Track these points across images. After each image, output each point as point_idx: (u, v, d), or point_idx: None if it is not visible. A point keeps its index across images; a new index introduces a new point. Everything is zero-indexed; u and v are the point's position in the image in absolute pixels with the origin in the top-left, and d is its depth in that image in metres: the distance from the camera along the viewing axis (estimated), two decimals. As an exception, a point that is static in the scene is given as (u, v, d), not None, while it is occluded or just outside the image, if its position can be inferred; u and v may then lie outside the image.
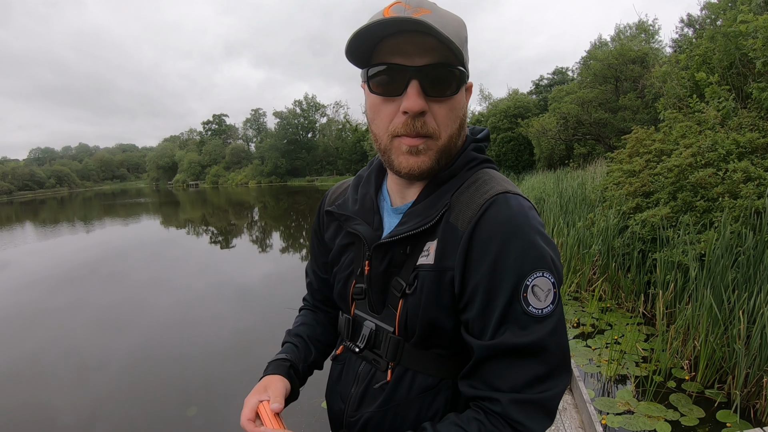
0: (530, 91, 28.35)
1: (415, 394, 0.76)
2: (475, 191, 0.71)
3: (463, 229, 0.68)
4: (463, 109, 0.73)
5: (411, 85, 0.66)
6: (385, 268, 0.78)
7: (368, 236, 0.80)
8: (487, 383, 0.67)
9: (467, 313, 0.69)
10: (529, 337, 0.64)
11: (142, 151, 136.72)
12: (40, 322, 6.19)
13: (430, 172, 0.72)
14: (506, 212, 0.66)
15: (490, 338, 0.66)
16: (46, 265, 10.71)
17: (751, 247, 3.42)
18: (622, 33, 18.10)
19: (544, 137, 17.00)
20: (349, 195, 0.88)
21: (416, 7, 0.65)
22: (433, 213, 0.73)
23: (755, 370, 2.84)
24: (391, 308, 0.78)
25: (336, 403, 0.88)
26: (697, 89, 6.18)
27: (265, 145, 61.47)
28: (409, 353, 0.77)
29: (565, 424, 2.64)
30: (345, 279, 0.86)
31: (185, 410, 3.60)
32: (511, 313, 0.65)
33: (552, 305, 0.65)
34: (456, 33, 0.66)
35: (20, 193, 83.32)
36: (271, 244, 12.96)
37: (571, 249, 5.72)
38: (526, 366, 0.64)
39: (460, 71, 0.68)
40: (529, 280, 0.64)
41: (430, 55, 0.66)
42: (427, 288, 0.72)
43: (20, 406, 3.87)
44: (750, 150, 4.42)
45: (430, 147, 0.70)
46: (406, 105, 0.66)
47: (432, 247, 0.72)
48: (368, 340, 0.81)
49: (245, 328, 5.56)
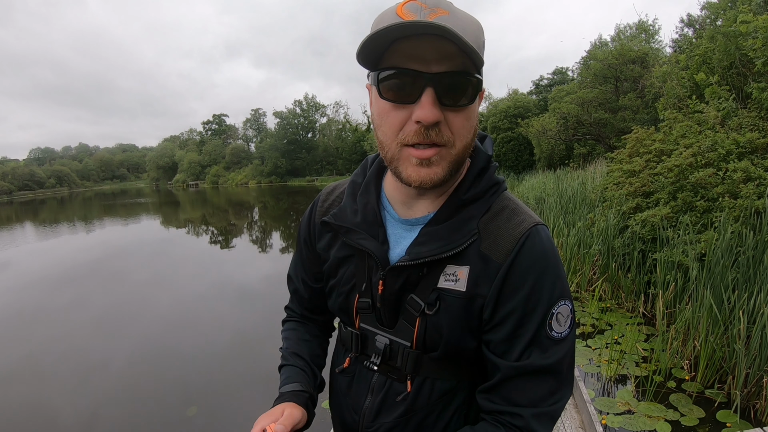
0: (530, 91, 28.34)
1: (435, 399, 0.79)
2: (506, 221, 0.73)
3: (499, 261, 0.70)
4: (477, 118, 0.70)
5: (426, 93, 0.62)
6: (401, 286, 0.76)
7: (378, 254, 0.76)
8: (508, 399, 0.71)
9: (493, 335, 0.73)
10: (550, 359, 0.70)
11: (142, 151, 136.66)
12: (41, 322, 6.19)
13: (442, 182, 0.68)
14: (540, 246, 0.71)
15: (516, 359, 0.70)
16: (47, 265, 10.71)
17: (751, 247, 3.42)
18: (622, 33, 18.10)
19: (544, 137, 17.00)
20: (347, 204, 0.82)
21: (433, 6, 0.61)
22: (459, 239, 0.71)
23: (755, 370, 2.84)
24: (407, 324, 0.77)
25: (348, 416, 0.87)
26: (697, 89, 6.18)
27: (265, 145, 61.46)
28: (428, 365, 0.78)
29: (565, 424, 2.64)
30: (347, 293, 0.83)
31: (185, 410, 3.60)
32: (537, 338, 0.70)
33: (569, 329, 0.72)
34: (475, 37, 0.62)
35: (20, 193, 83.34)
36: (271, 244, 12.96)
37: (571, 249, 5.72)
38: (544, 383, 0.70)
39: (478, 79, 0.63)
40: (555, 308, 0.70)
41: (449, 62, 0.61)
42: (454, 312, 0.73)
43: (21, 406, 3.87)
44: (750, 150, 4.42)
45: (444, 157, 0.66)
46: (420, 115, 0.62)
47: (462, 273, 0.72)
48: (384, 355, 0.80)
49: (245, 329, 5.56)
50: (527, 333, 0.70)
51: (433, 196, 0.76)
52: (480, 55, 0.61)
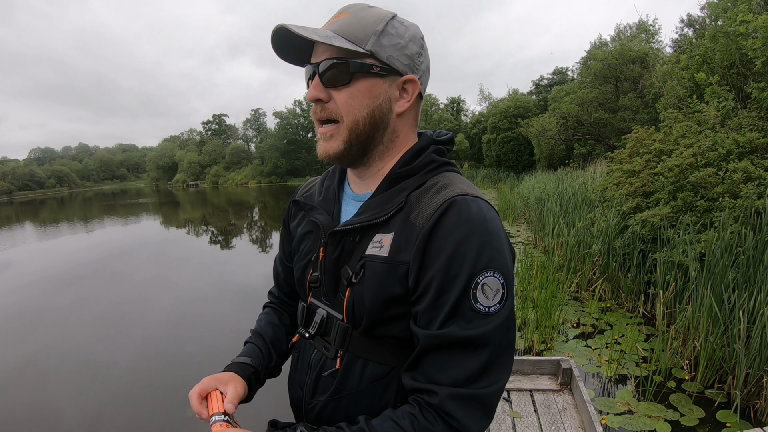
0: (530, 91, 28.36)
1: (366, 383, 0.78)
2: (435, 193, 0.74)
3: (421, 226, 0.71)
4: (377, 99, 0.76)
5: (314, 79, 0.76)
6: (338, 255, 0.80)
7: (326, 224, 0.84)
8: (428, 376, 0.69)
9: (418, 305, 0.71)
10: (472, 331, 0.67)
11: (142, 151, 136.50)
12: (42, 322, 6.19)
13: (339, 156, 0.78)
14: (466, 214, 0.69)
15: (437, 329, 0.68)
16: (47, 265, 10.71)
17: (751, 247, 3.42)
18: (622, 33, 18.09)
19: (544, 137, 17.02)
20: (316, 187, 0.95)
21: (339, 12, 0.77)
22: (387, 208, 0.76)
23: (755, 370, 2.84)
24: (341, 296, 0.80)
25: (295, 391, 0.91)
26: (698, 89, 6.18)
27: (265, 145, 61.42)
28: (358, 341, 0.78)
29: (565, 424, 2.64)
30: (303, 267, 0.90)
31: (185, 410, 3.60)
32: (460, 308, 0.67)
33: (499, 305, 0.68)
34: (361, 28, 0.74)
35: (20, 193, 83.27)
36: (271, 244, 12.96)
37: (571, 249, 5.72)
38: (468, 360, 0.67)
39: (355, 62, 0.73)
40: (480, 278, 0.67)
41: (327, 53, 0.74)
42: (376, 279, 0.74)
43: (22, 406, 3.87)
44: (750, 150, 4.42)
45: (338, 132, 0.77)
46: (307, 94, 0.78)
47: (386, 240, 0.75)
48: (319, 327, 0.83)
49: (246, 329, 5.55)
50: (448, 301, 0.67)
51: (372, 176, 0.83)
52: (357, 42, 0.73)
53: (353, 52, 0.73)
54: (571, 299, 5.13)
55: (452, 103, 39.87)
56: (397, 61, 0.75)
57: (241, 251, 11.85)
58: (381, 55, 0.74)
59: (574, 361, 3.11)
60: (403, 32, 0.77)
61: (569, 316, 4.63)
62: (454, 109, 39.44)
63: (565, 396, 2.91)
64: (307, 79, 0.81)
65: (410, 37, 0.77)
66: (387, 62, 0.75)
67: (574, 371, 2.96)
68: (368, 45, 0.73)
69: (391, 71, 0.75)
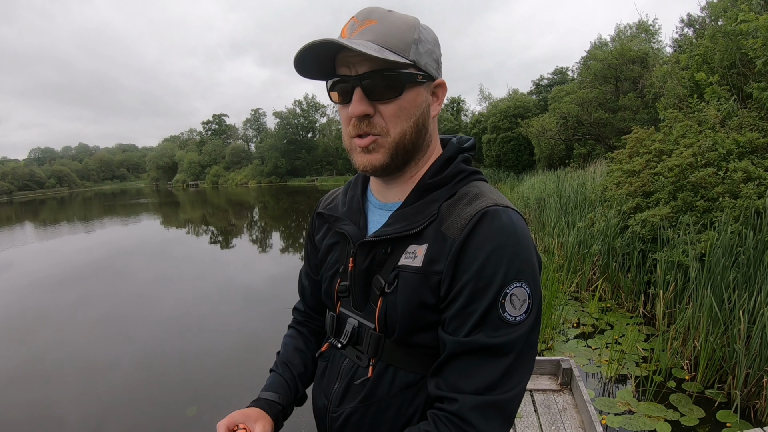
0: (530, 91, 28.34)
1: (396, 390, 0.78)
2: (467, 204, 0.75)
3: (454, 237, 0.72)
4: (420, 107, 0.76)
5: (355, 92, 0.73)
6: (368, 265, 0.81)
7: (354, 234, 0.84)
8: (451, 383, 0.70)
9: (447, 312, 0.72)
10: (498, 339, 0.68)
11: (142, 151, 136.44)
12: (44, 323, 6.19)
13: (385, 167, 0.77)
14: (498, 224, 0.70)
15: (464, 336, 0.69)
16: (48, 265, 10.71)
17: (751, 247, 3.42)
18: (622, 33, 18.08)
19: (544, 137, 17.01)
20: (339, 198, 0.95)
21: (364, 19, 0.72)
22: (420, 219, 0.76)
23: (755, 370, 2.84)
24: (372, 305, 0.80)
25: (320, 400, 0.91)
26: (698, 89, 6.18)
27: (265, 145, 61.39)
28: (390, 349, 0.79)
29: (565, 424, 2.64)
30: (331, 277, 0.90)
31: (185, 410, 3.60)
32: (488, 316, 0.69)
33: (525, 314, 0.70)
34: (400, 37, 0.72)
35: (20, 193, 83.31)
36: (272, 245, 12.97)
37: (571, 249, 5.72)
38: (491, 366, 0.68)
39: (404, 73, 0.72)
40: (509, 288, 0.69)
41: (369, 64, 0.71)
42: (410, 288, 0.74)
43: (25, 407, 3.87)
44: (750, 150, 4.42)
45: (381, 144, 0.75)
46: (350, 110, 0.74)
47: (420, 251, 0.75)
48: (351, 337, 0.84)
49: (246, 329, 5.56)
50: (478, 310, 0.69)
51: (403, 184, 0.83)
52: (399, 52, 0.71)
53: (398, 63, 0.71)
54: (571, 299, 5.13)
55: (452, 103, 39.85)
56: (430, 66, 0.76)
57: (242, 251, 11.84)
58: (420, 63, 0.74)
59: (574, 361, 3.11)
60: (429, 37, 0.77)
61: (569, 316, 4.63)
62: (454, 109, 39.40)
63: (565, 396, 2.91)
64: (329, 90, 0.78)
65: (434, 41, 0.78)
66: (425, 69, 0.75)
67: (574, 371, 2.96)
68: (411, 54, 0.72)
69: (428, 77, 0.76)
